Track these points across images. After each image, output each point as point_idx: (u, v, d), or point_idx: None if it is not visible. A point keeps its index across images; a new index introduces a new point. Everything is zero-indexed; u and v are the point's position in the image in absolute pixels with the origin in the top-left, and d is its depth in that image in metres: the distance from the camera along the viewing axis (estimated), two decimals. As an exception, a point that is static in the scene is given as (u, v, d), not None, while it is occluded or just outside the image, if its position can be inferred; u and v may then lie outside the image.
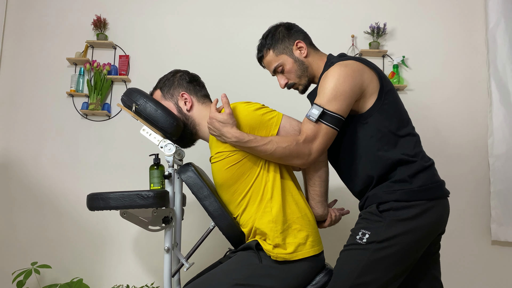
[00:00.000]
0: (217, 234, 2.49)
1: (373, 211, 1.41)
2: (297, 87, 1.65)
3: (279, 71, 1.63)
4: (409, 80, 2.70)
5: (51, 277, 2.51)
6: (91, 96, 2.60)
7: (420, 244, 1.40)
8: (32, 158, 2.62)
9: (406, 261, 1.39)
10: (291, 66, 1.60)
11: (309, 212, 1.54)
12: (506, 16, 2.64)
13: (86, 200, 1.55)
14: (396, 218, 1.37)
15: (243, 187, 1.50)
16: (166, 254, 1.60)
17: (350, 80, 1.42)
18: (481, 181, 2.63)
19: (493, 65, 2.64)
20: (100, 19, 2.68)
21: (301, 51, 1.60)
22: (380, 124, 1.45)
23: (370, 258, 1.37)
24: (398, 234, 1.36)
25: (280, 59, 1.61)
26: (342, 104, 1.41)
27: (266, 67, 1.69)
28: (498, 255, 2.57)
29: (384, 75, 1.53)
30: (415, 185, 1.40)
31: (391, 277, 1.38)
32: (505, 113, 2.58)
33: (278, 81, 1.65)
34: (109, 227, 2.56)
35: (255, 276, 1.44)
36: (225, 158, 1.49)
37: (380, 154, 1.44)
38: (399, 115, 1.50)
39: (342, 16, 2.76)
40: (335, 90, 1.41)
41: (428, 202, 1.39)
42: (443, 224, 1.46)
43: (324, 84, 1.44)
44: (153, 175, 1.68)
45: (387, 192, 1.42)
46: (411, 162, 1.43)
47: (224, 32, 2.74)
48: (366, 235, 1.39)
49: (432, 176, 1.45)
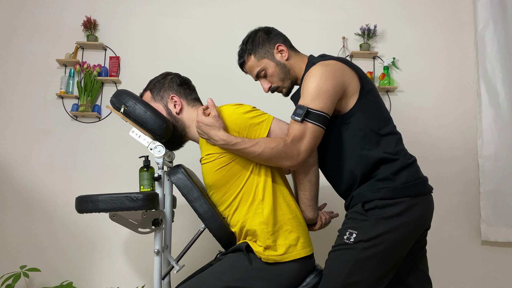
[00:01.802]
0: (208, 236, 2.48)
1: (359, 210, 1.42)
2: (280, 90, 1.66)
3: (262, 75, 1.63)
4: (399, 82, 2.71)
5: (41, 281, 2.49)
6: (81, 97, 2.58)
7: (407, 241, 1.41)
8: (21, 160, 2.59)
9: (394, 258, 1.40)
10: (273, 70, 1.61)
11: (300, 214, 1.55)
12: (494, 18, 2.66)
13: (74, 203, 1.54)
14: (382, 216, 1.38)
15: (234, 188, 1.50)
16: (156, 257, 1.59)
17: (332, 79, 1.43)
18: (470, 181, 2.65)
19: (482, 67, 2.67)
20: (90, 20, 2.66)
21: (282, 54, 1.61)
22: (362, 123, 1.46)
23: (359, 257, 1.38)
24: (385, 232, 1.37)
25: (262, 63, 1.61)
26: (326, 102, 1.42)
27: (248, 72, 1.69)
28: (488, 255, 2.59)
29: (365, 75, 1.54)
30: (398, 182, 1.41)
31: (381, 275, 1.39)
32: (494, 114, 2.60)
33: (261, 85, 1.66)
34: (99, 230, 2.54)
35: (245, 279, 1.44)
36: (215, 160, 1.48)
37: (363, 153, 1.45)
38: (380, 115, 1.50)
39: (333, 18, 2.77)
40: (318, 89, 1.42)
41: (413, 199, 1.41)
42: (428, 219, 1.48)
43: (306, 84, 1.45)
44: (143, 177, 1.68)
45: (372, 190, 1.43)
46: (393, 160, 1.44)
47: (215, 34, 2.74)
48: (353, 234, 1.40)
49: (415, 172, 1.47)
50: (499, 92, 2.62)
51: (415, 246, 1.50)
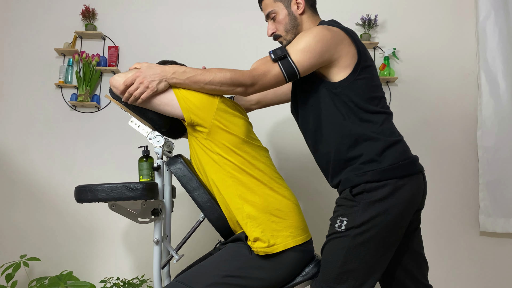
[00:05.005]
0: (207, 226, 2.51)
1: (347, 196, 1.42)
2: (281, 40, 1.64)
3: (272, 17, 1.62)
4: (399, 72, 2.70)
5: (41, 270, 2.50)
6: (80, 87, 2.57)
7: (399, 223, 1.39)
8: (20, 150, 2.59)
9: (388, 241, 1.39)
10: (283, 17, 1.60)
11: (289, 202, 1.52)
12: (496, 8, 2.64)
13: (74, 192, 1.54)
14: (370, 200, 1.37)
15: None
16: (155, 246, 1.60)
17: (324, 43, 1.43)
18: (470, 172, 2.65)
19: (483, 58, 2.65)
20: (88, 9, 2.64)
21: (298, 7, 1.59)
22: (348, 98, 1.45)
23: (351, 244, 1.37)
24: (374, 216, 1.36)
25: (276, 6, 1.60)
26: (306, 60, 1.42)
27: (262, 10, 1.67)
28: (486, 246, 2.60)
29: (365, 51, 1.52)
30: (385, 164, 1.39)
31: (376, 260, 1.38)
32: (495, 105, 2.60)
33: (267, 27, 1.65)
34: (99, 220, 2.55)
35: (245, 268, 1.44)
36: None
37: (345, 123, 1.45)
38: (371, 93, 1.48)
39: (333, 7, 2.75)
40: (306, 45, 1.42)
41: (400, 180, 1.38)
42: (419, 200, 1.44)
43: (301, 35, 1.46)
44: (142, 167, 1.67)
45: (358, 174, 1.41)
46: (376, 139, 1.42)
47: (214, 24, 2.72)
48: (344, 222, 1.39)
49: (403, 152, 1.44)
50: (500, 83, 2.61)
51: (409, 227, 1.49)
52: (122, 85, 1.44)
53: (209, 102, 1.46)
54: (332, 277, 1.40)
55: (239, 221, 1.47)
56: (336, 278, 1.39)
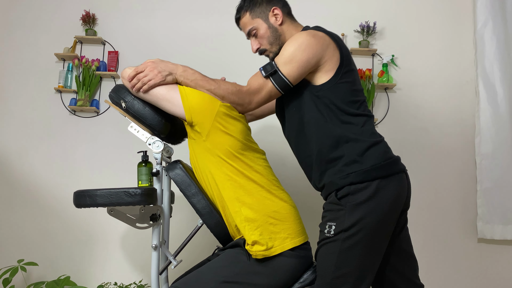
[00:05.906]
0: (205, 232, 2.50)
1: (333, 200, 1.42)
2: (268, 54, 1.66)
3: (253, 34, 1.64)
4: (398, 79, 2.72)
5: (38, 275, 2.49)
6: (79, 92, 2.57)
7: (386, 223, 1.39)
8: (19, 154, 2.59)
9: (377, 242, 1.39)
10: (264, 31, 1.61)
11: (287, 205, 1.52)
12: (494, 16, 2.66)
13: (72, 197, 1.54)
14: (355, 202, 1.38)
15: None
16: (153, 252, 1.60)
17: (310, 50, 1.45)
18: (468, 179, 2.66)
19: (481, 65, 2.67)
20: (89, 15, 2.65)
21: (277, 18, 1.61)
22: (330, 100, 1.47)
23: (342, 248, 1.37)
24: (362, 217, 1.36)
25: (255, 22, 1.62)
26: (295, 71, 1.46)
27: (241, 29, 1.69)
28: (484, 252, 2.60)
29: (348, 55, 1.55)
30: (367, 164, 1.40)
31: (368, 262, 1.39)
32: (492, 112, 2.61)
33: (251, 45, 1.67)
34: (97, 225, 2.54)
35: (243, 274, 1.44)
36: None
37: (327, 125, 1.46)
38: (352, 97, 1.50)
39: (332, 14, 2.76)
40: (293, 55, 1.45)
41: (382, 180, 1.39)
42: (403, 200, 1.45)
43: (286, 45, 1.49)
44: (141, 172, 1.67)
45: (341, 177, 1.42)
46: (356, 140, 1.44)
47: (213, 29, 2.73)
48: (333, 226, 1.40)
49: (384, 153, 1.45)
50: (498, 91, 2.62)
51: (396, 227, 1.49)
52: (134, 71, 1.50)
53: (211, 104, 1.47)
54: (328, 282, 1.40)
55: (238, 225, 1.47)
56: (331, 283, 1.39)
